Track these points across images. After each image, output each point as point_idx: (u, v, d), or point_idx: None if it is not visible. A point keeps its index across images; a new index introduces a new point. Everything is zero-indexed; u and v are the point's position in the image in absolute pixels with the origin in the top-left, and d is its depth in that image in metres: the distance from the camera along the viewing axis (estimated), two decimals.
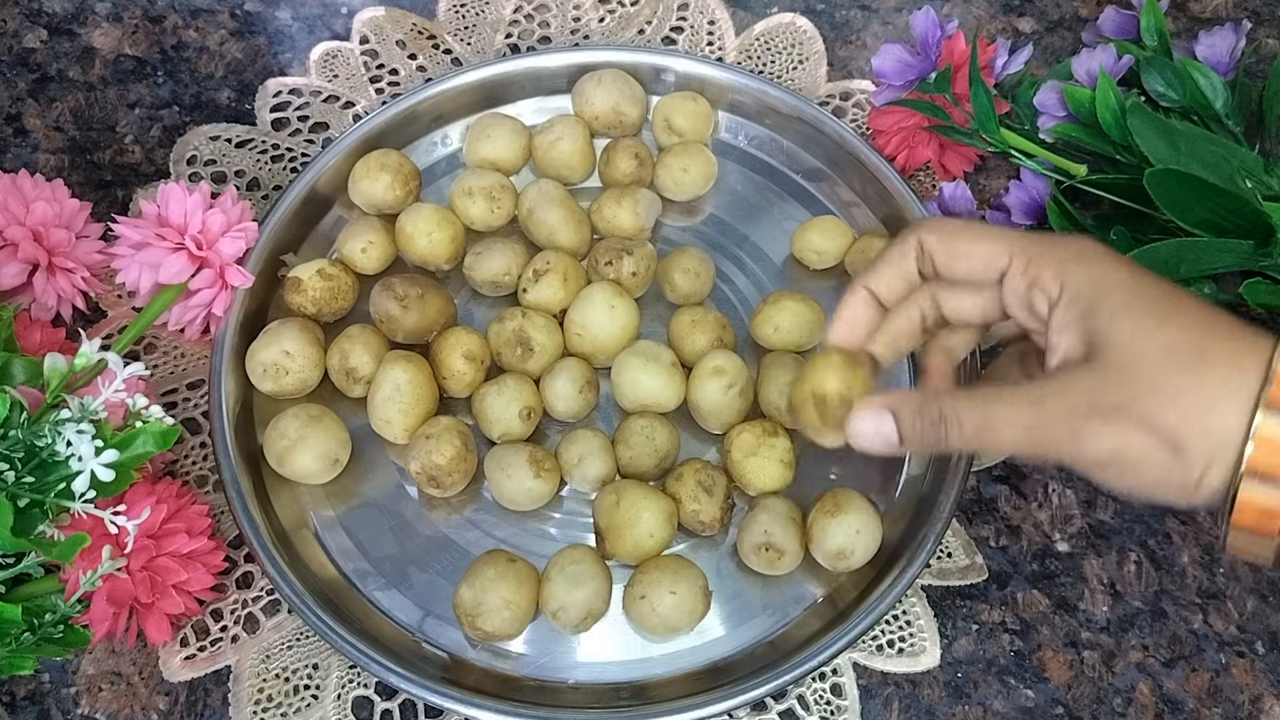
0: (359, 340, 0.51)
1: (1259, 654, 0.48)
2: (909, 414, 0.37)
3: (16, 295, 0.48)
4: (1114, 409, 0.34)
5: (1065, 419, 0.34)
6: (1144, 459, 0.34)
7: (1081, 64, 0.55)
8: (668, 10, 0.66)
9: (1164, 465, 0.34)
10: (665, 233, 0.58)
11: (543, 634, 0.48)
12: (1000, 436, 0.36)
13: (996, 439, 0.36)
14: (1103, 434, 0.34)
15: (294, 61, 0.64)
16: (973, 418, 0.36)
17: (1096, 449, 0.34)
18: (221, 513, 0.50)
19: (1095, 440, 0.34)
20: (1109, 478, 0.35)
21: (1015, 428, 0.35)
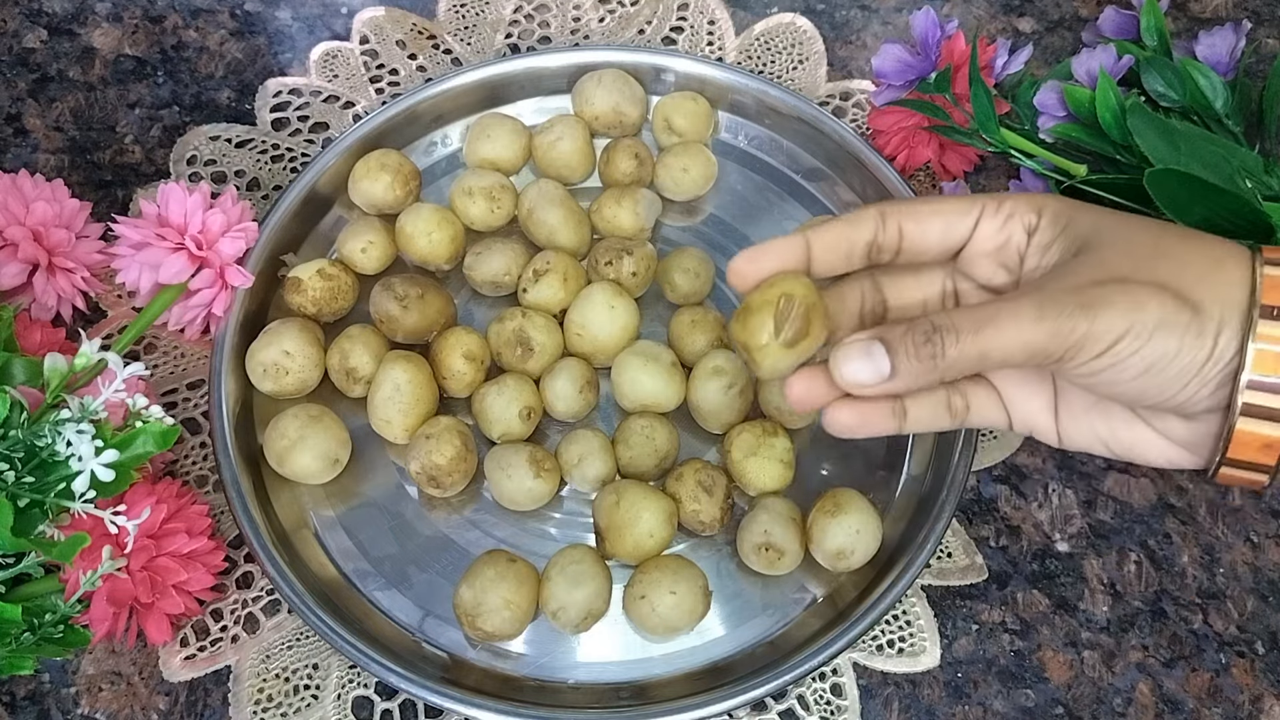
0: (359, 340, 0.51)
1: (1259, 654, 0.48)
2: (898, 336, 0.34)
3: (16, 295, 0.48)
4: (1122, 277, 0.32)
5: (1073, 294, 0.32)
6: (1160, 320, 0.32)
7: (1081, 64, 0.55)
8: (668, 10, 0.66)
9: (1180, 325, 0.32)
10: (665, 233, 0.58)
11: (543, 634, 0.48)
12: (1002, 334, 0.32)
13: (999, 338, 0.32)
14: (1116, 299, 0.32)
15: (294, 61, 0.64)
16: (969, 321, 0.33)
17: (1111, 317, 0.32)
18: (221, 513, 0.50)
19: (1109, 307, 0.32)
20: (1120, 355, 0.32)
21: (1018, 319, 0.32)
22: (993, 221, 0.36)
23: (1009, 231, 0.36)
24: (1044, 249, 0.35)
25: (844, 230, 0.37)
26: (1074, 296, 0.32)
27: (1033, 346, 0.32)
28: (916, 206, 0.37)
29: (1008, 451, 0.52)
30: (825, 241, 0.37)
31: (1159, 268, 0.32)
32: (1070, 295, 0.32)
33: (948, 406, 0.39)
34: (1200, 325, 0.32)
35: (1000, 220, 0.36)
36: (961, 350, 0.33)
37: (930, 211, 0.37)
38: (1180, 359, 0.32)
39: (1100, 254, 0.33)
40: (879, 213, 0.37)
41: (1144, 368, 0.32)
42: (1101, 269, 0.33)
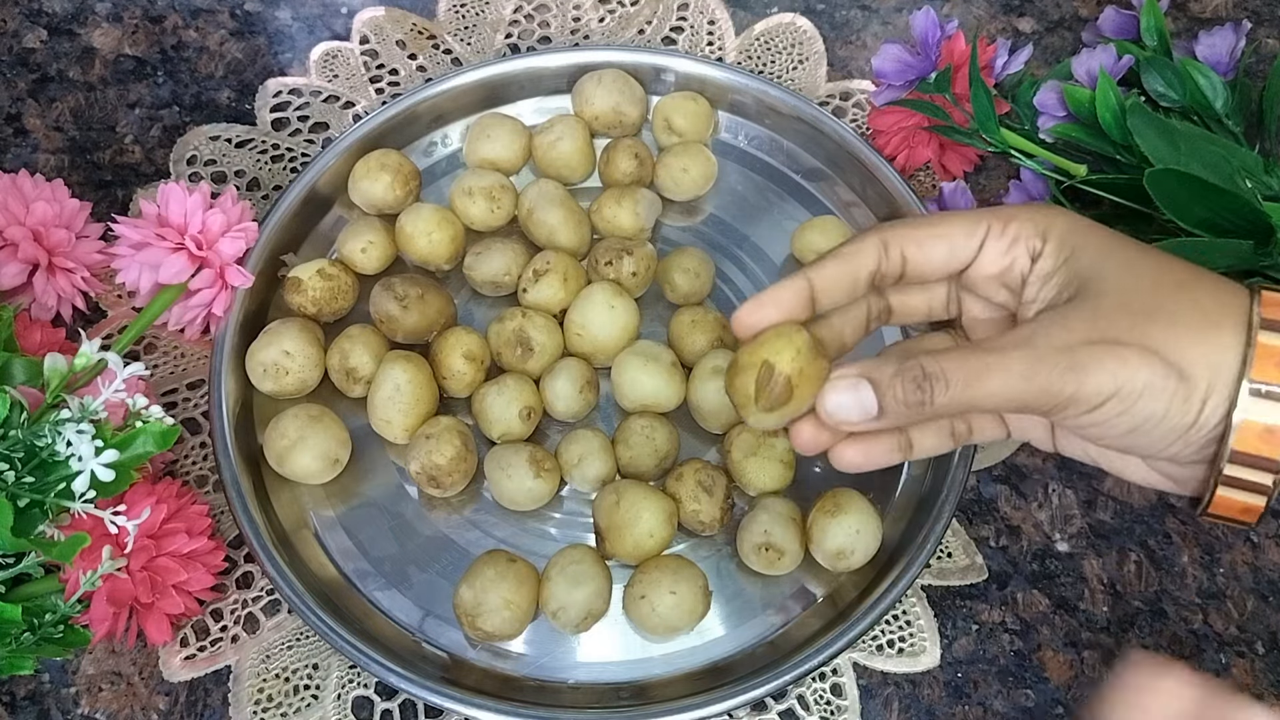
0: (359, 340, 0.51)
1: (1259, 654, 0.48)
2: (887, 378, 0.34)
3: (16, 295, 0.48)
4: (1115, 338, 0.32)
5: (1063, 354, 0.32)
6: (1148, 387, 0.32)
7: (1081, 64, 0.55)
8: (668, 10, 0.66)
9: (1168, 393, 0.32)
10: (665, 233, 0.58)
11: (543, 634, 0.48)
12: (991, 387, 0.33)
13: (987, 391, 0.33)
14: (1105, 363, 0.32)
15: (294, 61, 0.64)
16: (959, 371, 0.33)
17: (1099, 381, 0.32)
18: (221, 513, 0.50)
19: (1097, 371, 0.32)
20: (1106, 416, 0.33)
21: (1008, 374, 0.33)
22: (997, 245, 0.36)
23: (1013, 255, 0.36)
24: (1045, 279, 0.35)
25: (845, 266, 0.37)
26: (1064, 357, 0.32)
27: (1021, 401, 0.33)
28: (919, 231, 0.37)
29: (1008, 451, 0.52)
30: (827, 279, 0.37)
31: (1151, 329, 0.32)
32: (1061, 355, 0.32)
33: (951, 433, 0.40)
34: (1187, 391, 0.32)
35: (1005, 244, 0.36)
36: (951, 398, 0.33)
37: (934, 236, 0.37)
38: (1166, 422, 0.33)
39: (1096, 304, 0.33)
40: (880, 241, 0.37)
41: (1130, 428, 0.33)
42: (1094, 326, 0.33)
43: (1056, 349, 0.33)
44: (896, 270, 0.37)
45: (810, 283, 0.36)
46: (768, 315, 0.36)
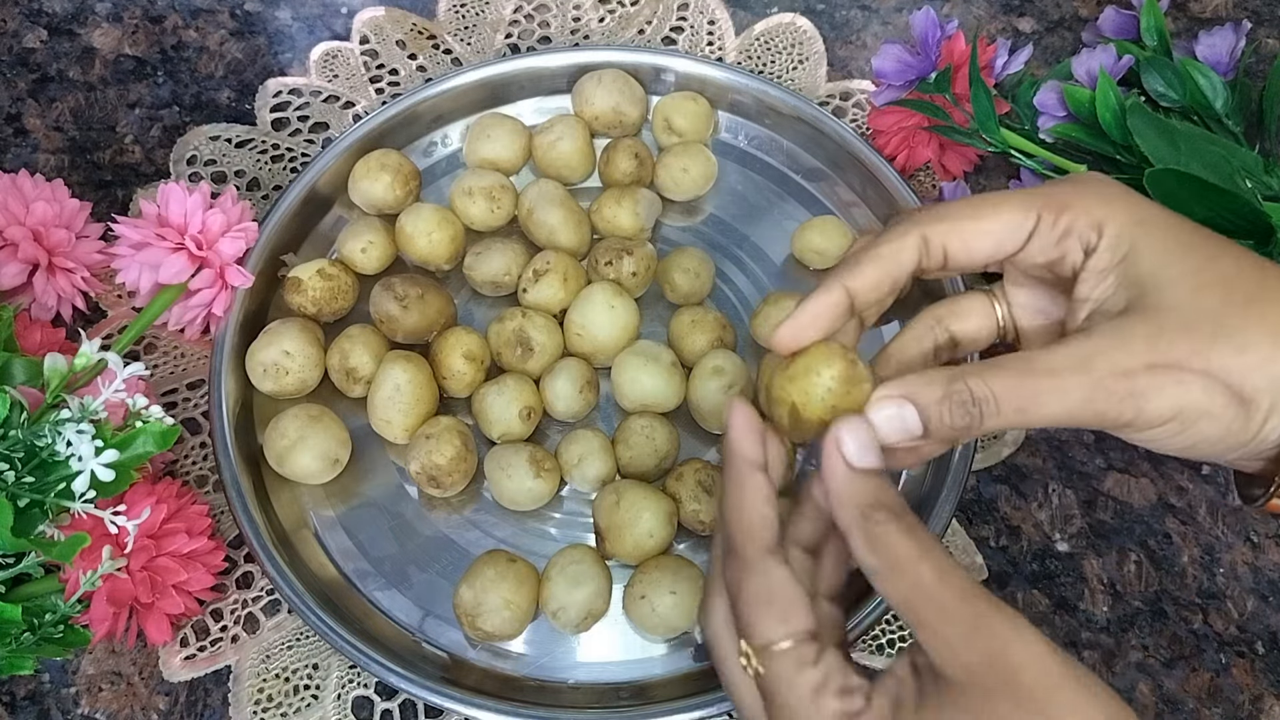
0: (359, 340, 0.51)
1: (1259, 654, 0.48)
2: (933, 400, 0.32)
3: (16, 295, 0.48)
4: (1176, 362, 0.31)
5: (1123, 380, 0.31)
6: (1207, 412, 0.31)
7: (1081, 64, 0.55)
8: (668, 10, 0.66)
9: (1226, 417, 0.31)
10: (665, 233, 0.58)
11: (543, 634, 0.48)
12: (1046, 411, 0.31)
13: (1042, 414, 0.31)
14: (1165, 390, 0.31)
15: (294, 61, 0.64)
16: (1011, 395, 0.31)
17: (1158, 407, 0.31)
18: (221, 513, 0.50)
19: (1157, 398, 0.31)
20: (1163, 436, 0.32)
21: (1064, 397, 0.31)
22: (1047, 237, 0.34)
23: (1065, 248, 0.34)
24: (1099, 276, 0.33)
25: (885, 268, 0.34)
26: (1124, 383, 0.31)
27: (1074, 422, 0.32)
28: (962, 223, 0.34)
29: (1008, 451, 0.52)
30: (866, 285, 0.34)
31: (1215, 355, 0.31)
32: (1120, 381, 0.31)
33: None
34: (1248, 414, 0.31)
35: (1056, 236, 0.34)
36: (1002, 419, 0.32)
37: (979, 230, 0.34)
38: (1224, 441, 0.32)
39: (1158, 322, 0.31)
40: (921, 238, 0.34)
41: (1186, 445, 0.32)
42: (1155, 348, 0.31)
43: (1115, 373, 0.31)
44: (938, 264, 0.35)
45: (848, 291, 0.34)
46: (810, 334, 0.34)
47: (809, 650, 0.32)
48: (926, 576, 0.30)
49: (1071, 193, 0.34)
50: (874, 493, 0.32)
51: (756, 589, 0.32)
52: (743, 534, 0.33)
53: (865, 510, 0.32)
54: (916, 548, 0.31)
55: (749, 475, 0.34)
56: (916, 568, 0.30)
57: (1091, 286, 0.33)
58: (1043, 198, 0.34)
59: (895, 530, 0.31)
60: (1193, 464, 0.52)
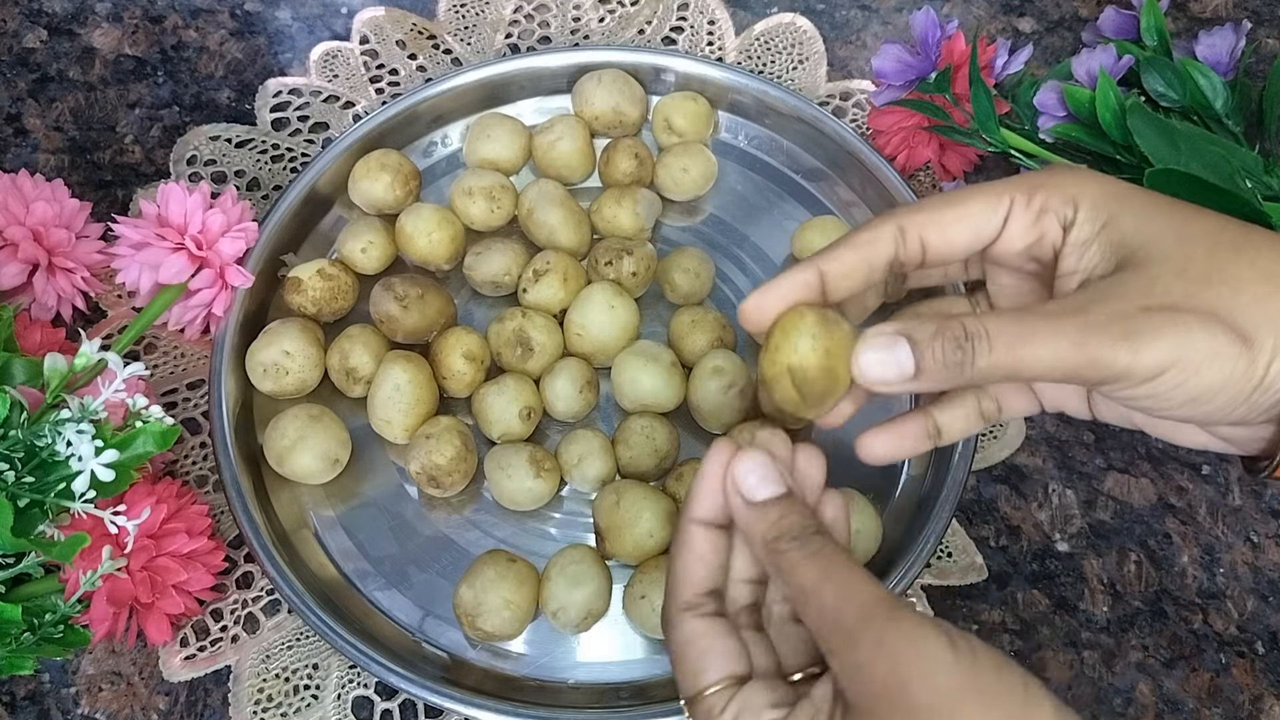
0: (359, 340, 0.51)
1: (1259, 654, 0.48)
2: (927, 337, 0.31)
3: (16, 295, 0.48)
4: (1173, 305, 0.30)
5: (1118, 322, 0.30)
6: (1208, 355, 0.30)
7: (1081, 64, 0.55)
8: (668, 10, 0.66)
9: (1229, 359, 0.30)
10: (665, 233, 0.58)
11: (543, 634, 0.48)
12: (1038, 352, 0.30)
13: (1034, 356, 0.30)
14: (1163, 330, 0.30)
15: (294, 61, 0.64)
16: (1004, 334, 0.30)
17: (1156, 350, 0.30)
18: (221, 513, 0.50)
19: (1155, 339, 0.30)
20: (1162, 387, 0.30)
21: (1058, 340, 0.30)
22: (1023, 218, 0.33)
23: (1042, 228, 0.33)
24: (1083, 247, 0.33)
25: (860, 254, 0.34)
26: (1119, 324, 0.30)
27: (1068, 370, 0.30)
28: (938, 213, 0.34)
29: (1008, 451, 0.52)
30: (841, 269, 0.34)
31: (1210, 294, 0.30)
32: (1116, 323, 0.30)
33: (980, 413, 0.38)
34: (1252, 355, 0.30)
35: (1032, 216, 0.33)
36: (993, 362, 0.31)
37: (954, 218, 0.34)
38: (1227, 390, 0.31)
39: (1148, 272, 0.31)
40: (897, 228, 0.34)
41: (1188, 398, 0.31)
42: (1149, 293, 0.30)
43: (1112, 316, 0.30)
44: (916, 257, 0.34)
45: (821, 273, 0.34)
46: (774, 305, 0.34)
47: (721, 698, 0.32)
48: (828, 600, 0.30)
49: (1043, 176, 0.34)
50: (776, 522, 0.32)
51: (674, 646, 0.33)
52: (669, 590, 0.34)
53: (769, 542, 0.32)
54: (818, 570, 0.31)
55: (685, 531, 0.35)
56: (819, 592, 0.30)
57: (1077, 259, 0.33)
58: (1015, 182, 0.34)
59: (799, 557, 0.31)
60: (1193, 464, 0.52)
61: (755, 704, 0.31)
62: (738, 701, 0.31)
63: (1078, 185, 0.33)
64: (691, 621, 0.33)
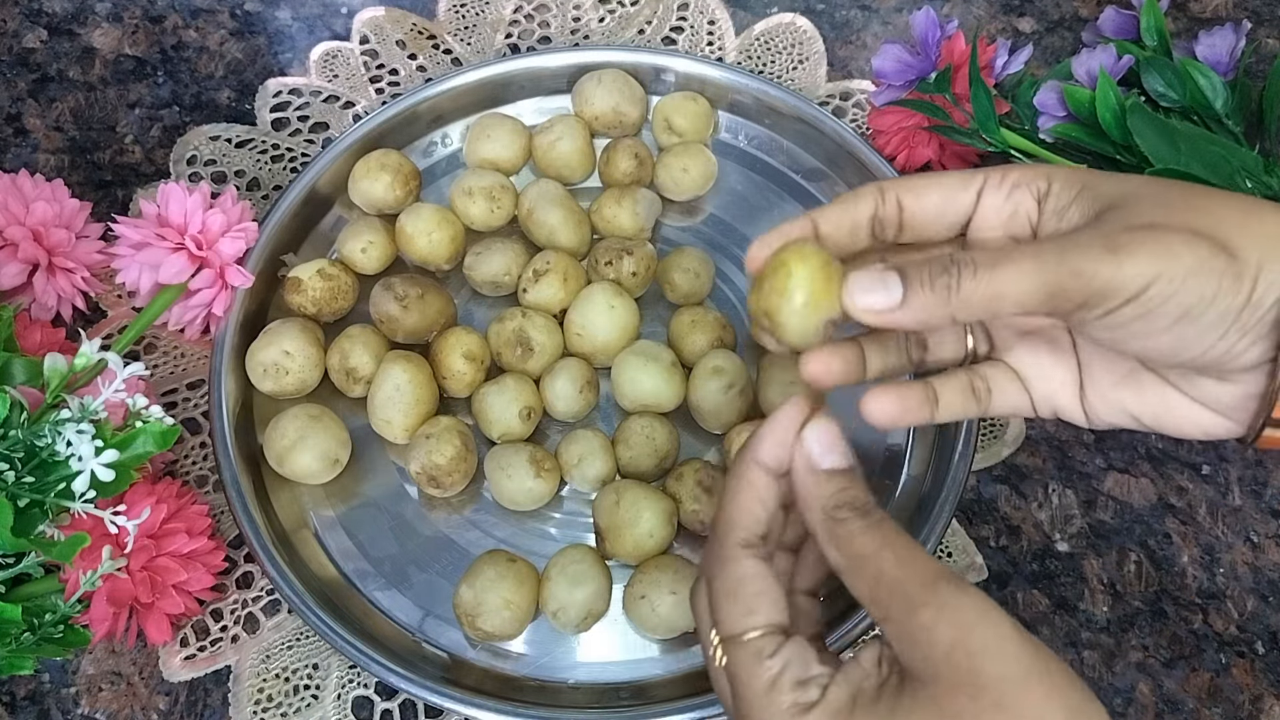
0: (359, 340, 0.51)
1: (1259, 654, 0.48)
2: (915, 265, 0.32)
3: (16, 295, 0.48)
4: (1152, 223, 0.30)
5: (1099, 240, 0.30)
6: (1193, 265, 0.30)
7: (1081, 64, 0.55)
8: (668, 10, 0.66)
9: (1214, 271, 0.30)
10: (665, 233, 0.58)
11: (543, 634, 0.48)
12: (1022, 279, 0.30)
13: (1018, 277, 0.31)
14: (1145, 244, 0.30)
15: (294, 61, 0.64)
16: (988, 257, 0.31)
17: (1138, 262, 0.30)
18: (221, 513, 0.50)
19: (1137, 251, 0.30)
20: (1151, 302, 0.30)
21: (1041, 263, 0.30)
22: (997, 193, 0.34)
23: (1016, 201, 0.34)
24: (1060, 213, 0.33)
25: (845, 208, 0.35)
26: (1101, 240, 0.30)
27: (1052, 287, 0.30)
28: (915, 180, 0.35)
29: (1008, 451, 0.52)
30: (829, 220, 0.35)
31: (1192, 214, 0.30)
32: (1097, 241, 0.30)
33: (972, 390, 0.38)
34: (1237, 269, 0.30)
35: (1005, 190, 0.34)
36: (977, 285, 0.31)
37: (928, 185, 0.35)
38: (1217, 305, 0.30)
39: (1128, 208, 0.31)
40: (878, 188, 0.35)
41: (1177, 316, 0.31)
42: (1130, 217, 0.31)
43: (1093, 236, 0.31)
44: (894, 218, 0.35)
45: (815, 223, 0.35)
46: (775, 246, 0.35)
47: (770, 642, 0.32)
48: (888, 566, 0.30)
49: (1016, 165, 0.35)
50: (838, 492, 0.33)
51: (727, 580, 0.33)
52: (725, 525, 0.34)
53: (829, 510, 0.32)
54: (878, 539, 0.31)
55: (749, 470, 0.34)
56: (878, 559, 0.31)
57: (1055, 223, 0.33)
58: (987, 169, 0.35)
59: (858, 526, 0.32)
60: (1193, 464, 0.52)
61: (807, 658, 0.32)
62: (788, 649, 0.32)
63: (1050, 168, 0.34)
64: (750, 560, 0.33)
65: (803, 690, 0.31)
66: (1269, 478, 0.52)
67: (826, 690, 0.31)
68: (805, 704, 0.30)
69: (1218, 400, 0.34)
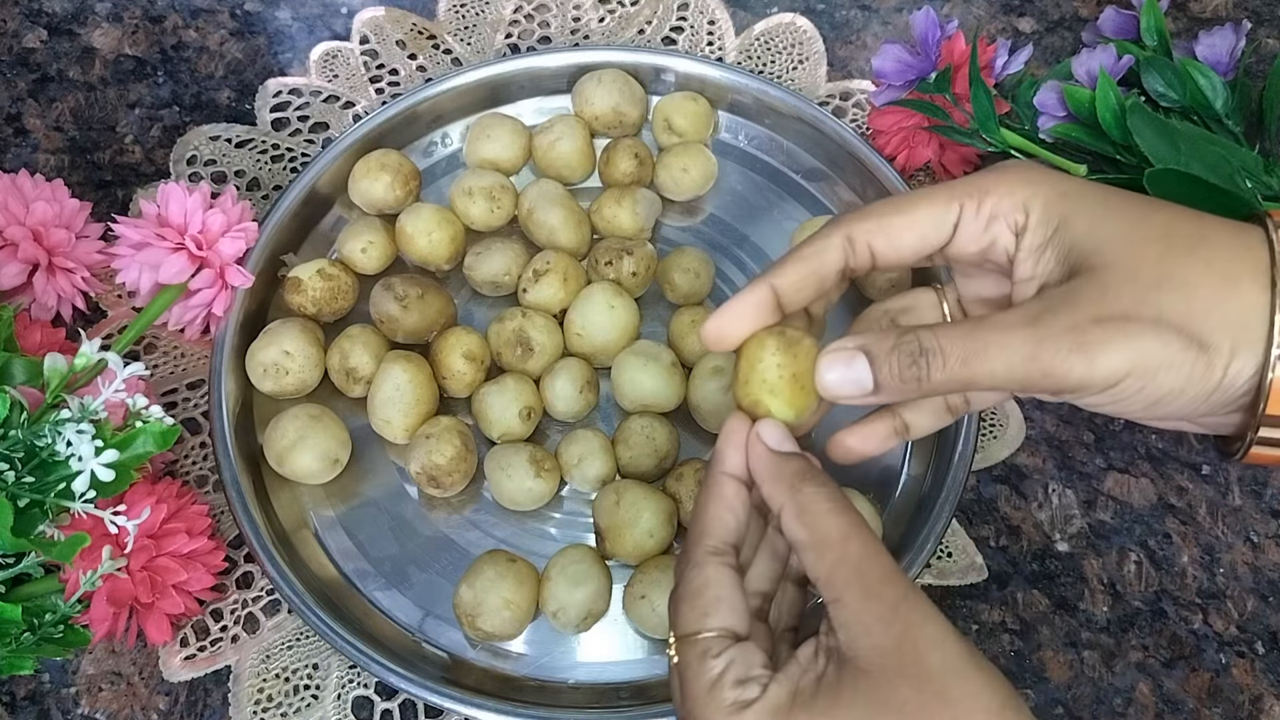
0: (359, 340, 0.51)
1: (1259, 654, 0.48)
2: (884, 352, 0.32)
3: (16, 295, 0.48)
4: (1124, 314, 0.30)
5: (1070, 333, 0.30)
6: (1163, 362, 0.30)
7: (1081, 64, 0.55)
8: (668, 10, 0.66)
9: (1185, 365, 0.30)
10: (665, 233, 0.58)
11: (543, 634, 0.48)
12: (991, 367, 0.31)
13: (987, 370, 0.31)
14: (1115, 342, 0.30)
15: (294, 61, 0.64)
16: (958, 347, 0.31)
17: (1110, 362, 0.30)
18: (221, 513, 0.50)
19: (1108, 350, 0.30)
20: (1123, 394, 0.31)
21: (1010, 354, 0.31)
22: (974, 224, 0.33)
23: (993, 234, 0.33)
24: (1036, 252, 0.33)
25: (810, 267, 0.35)
26: (1071, 336, 0.30)
27: (1022, 382, 0.31)
28: (885, 220, 0.34)
29: (1008, 451, 0.52)
30: (790, 284, 0.35)
31: (1163, 298, 0.30)
32: (1067, 334, 0.30)
33: (947, 408, 0.39)
34: (1208, 360, 0.30)
35: (982, 223, 0.33)
36: (948, 376, 0.32)
37: (903, 225, 0.34)
38: (1186, 393, 0.31)
39: (1100, 280, 0.31)
40: (845, 238, 0.34)
41: (1149, 403, 0.31)
42: (1101, 302, 0.30)
43: (1063, 328, 0.30)
44: (866, 264, 0.35)
45: (773, 288, 0.35)
46: (734, 329, 0.35)
47: (719, 644, 0.32)
48: (852, 555, 0.31)
49: (993, 179, 0.33)
50: (801, 469, 0.33)
51: (691, 584, 0.34)
52: (696, 533, 0.35)
53: (794, 483, 0.33)
54: (845, 525, 0.32)
55: (716, 481, 0.35)
56: (844, 545, 0.31)
57: (1031, 265, 0.33)
58: (964, 186, 0.34)
59: (825, 506, 0.32)
60: (1193, 464, 0.52)
61: (749, 658, 0.32)
62: (734, 651, 0.32)
63: (1028, 188, 0.33)
64: (717, 567, 0.34)
65: (742, 689, 0.31)
66: (1269, 478, 0.52)
67: (766, 688, 0.31)
68: (744, 702, 0.31)
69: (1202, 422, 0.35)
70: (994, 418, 0.53)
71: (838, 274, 0.35)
